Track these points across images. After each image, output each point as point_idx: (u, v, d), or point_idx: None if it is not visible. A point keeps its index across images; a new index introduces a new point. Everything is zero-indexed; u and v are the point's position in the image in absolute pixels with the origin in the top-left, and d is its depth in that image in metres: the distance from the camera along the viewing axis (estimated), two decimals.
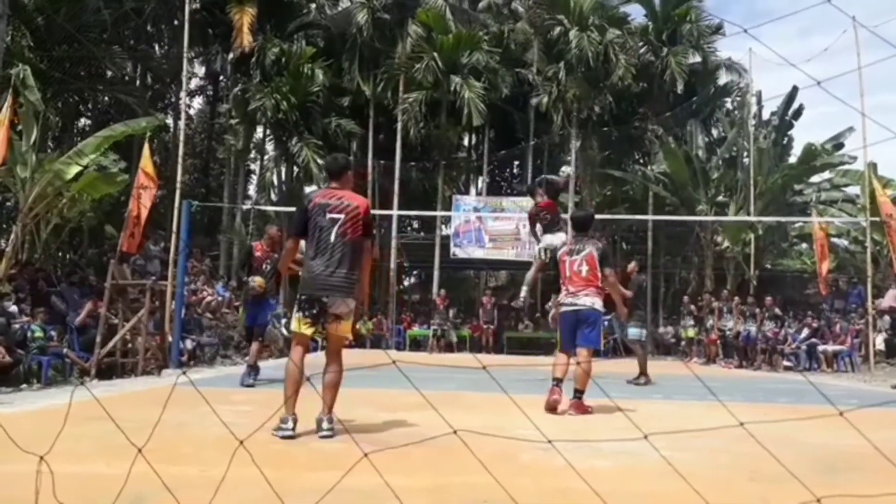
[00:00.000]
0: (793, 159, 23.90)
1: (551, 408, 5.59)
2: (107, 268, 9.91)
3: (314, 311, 4.29)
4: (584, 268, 5.83)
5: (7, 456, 2.65)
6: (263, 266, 7.89)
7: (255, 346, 7.91)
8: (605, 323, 8.14)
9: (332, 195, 4.38)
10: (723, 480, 3.38)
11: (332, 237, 4.24)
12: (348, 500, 2.63)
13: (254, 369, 7.76)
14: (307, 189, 26.01)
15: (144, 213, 10.62)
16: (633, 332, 9.49)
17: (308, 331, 4.31)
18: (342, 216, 4.26)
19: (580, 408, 5.61)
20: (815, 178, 24.42)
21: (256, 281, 7.74)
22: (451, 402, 5.91)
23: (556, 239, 8.68)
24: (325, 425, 4.17)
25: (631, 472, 3.52)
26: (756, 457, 3.50)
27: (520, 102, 24.70)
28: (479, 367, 1.98)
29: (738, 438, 4.01)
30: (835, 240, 22.18)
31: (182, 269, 10.92)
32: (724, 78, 26.00)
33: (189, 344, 11.39)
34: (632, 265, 10.47)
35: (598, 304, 5.81)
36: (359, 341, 20.52)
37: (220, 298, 15.12)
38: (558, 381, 5.75)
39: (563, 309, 5.90)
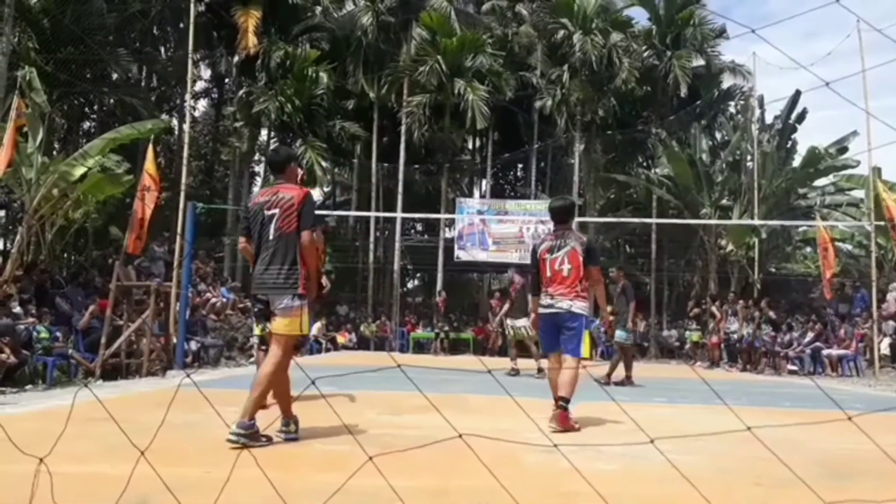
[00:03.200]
0: (796, 163, 23.87)
1: (563, 429, 4.83)
2: (112, 269, 9.94)
3: (256, 311, 4.28)
4: (566, 266, 5.15)
5: (10, 456, 2.66)
6: None
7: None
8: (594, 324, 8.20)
9: (272, 192, 4.24)
10: (727, 484, 3.36)
11: (270, 234, 4.12)
12: (352, 502, 2.63)
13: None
14: (312, 192, 26.15)
15: (148, 216, 10.64)
16: (620, 334, 9.61)
17: (258, 331, 4.28)
18: (278, 211, 4.12)
19: (563, 421, 4.83)
20: (818, 182, 24.40)
21: None
22: (456, 405, 5.91)
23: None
24: (232, 428, 3.83)
25: (635, 475, 3.51)
26: (760, 461, 3.49)
27: (524, 105, 24.73)
28: (483, 370, 1.98)
29: (742, 442, 4.00)
30: (839, 244, 22.13)
31: (187, 271, 10.94)
32: (727, 81, 26.05)
33: (193, 345, 11.41)
34: (615, 271, 10.51)
35: (577, 306, 5.08)
36: (362, 343, 20.60)
37: (224, 300, 15.15)
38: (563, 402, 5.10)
39: (541, 311, 5.26)
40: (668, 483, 3.11)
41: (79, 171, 12.00)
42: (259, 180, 28.17)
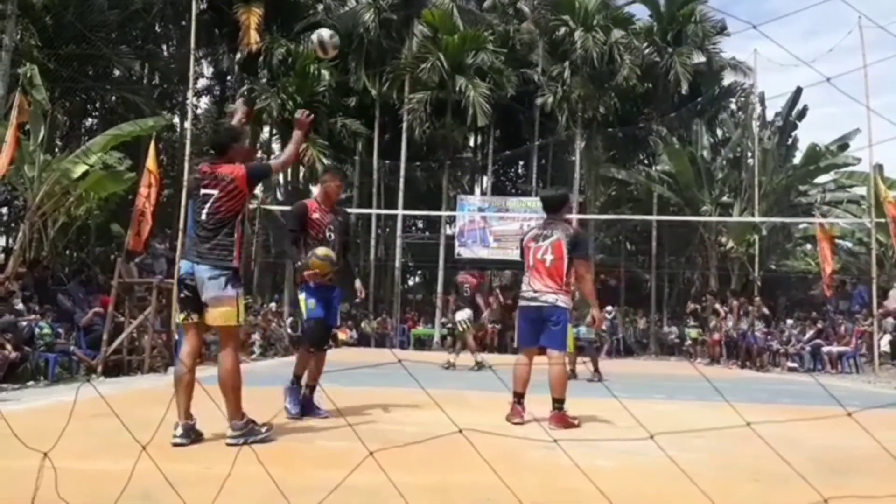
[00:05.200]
0: (797, 160, 23.85)
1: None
2: (114, 266, 9.96)
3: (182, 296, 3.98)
4: (549, 256, 4.93)
5: (13, 452, 2.68)
6: (327, 233, 5.11)
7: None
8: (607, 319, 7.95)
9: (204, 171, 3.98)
10: (726, 481, 3.38)
11: (203, 215, 3.89)
12: (352, 498, 2.64)
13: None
14: (313, 189, 26.09)
15: (150, 212, 10.65)
16: (585, 332, 9.30)
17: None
18: (216, 192, 3.89)
19: (562, 420, 4.75)
20: (819, 179, 24.38)
21: (315, 260, 4.85)
22: (456, 401, 5.93)
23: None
24: (228, 434, 3.82)
25: (635, 471, 3.53)
26: (759, 457, 3.51)
27: (525, 102, 24.71)
28: (486, 367, 1.99)
29: (741, 439, 4.02)
30: (839, 241, 22.12)
31: None
32: (728, 78, 26.01)
33: None
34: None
35: (561, 300, 4.87)
36: (363, 340, 20.61)
37: None
38: (520, 398, 4.94)
39: (523, 303, 5.04)
40: (667, 479, 3.13)
41: (81, 169, 12.02)
42: None
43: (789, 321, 17.84)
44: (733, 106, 27.62)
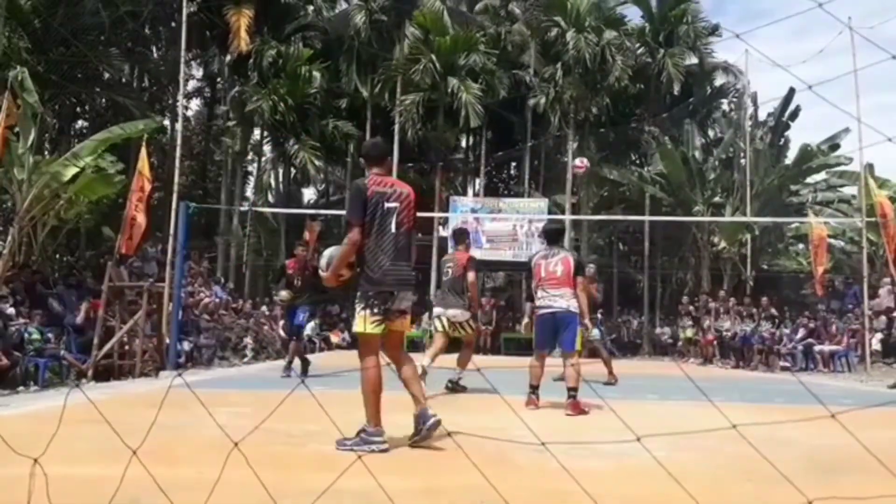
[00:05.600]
0: (789, 160, 23.96)
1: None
2: (104, 270, 9.91)
3: (386, 307, 3.91)
4: (560, 269, 5.91)
5: (3, 458, 2.66)
6: (294, 282, 9.21)
7: (292, 344, 9.26)
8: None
9: (387, 183, 4.01)
10: (717, 481, 3.39)
11: (393, 227, 3.90)
12: (343, 501, 2.64)
13: (292, 366, 9.02)
14: (305, 191, 26.15)
15: (142, 216, 10.62)
16: (596, 332, 9.30)
17: (378, 329, 3.89)
18: (398, 205, 3.92)
19: (576, 407, 5.66)
20: (811, 179, 24.50)
21: (281, 295, 9.46)
22: (446, 404, 5.92)
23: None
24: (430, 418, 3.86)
25: (625, 473, 3.53)
26: (751, 458, 3.51)
27: (517, 104, 24.73)
28: (473, 368, 1.99)
29: (732, 439, 4.01)
30: (831, 240, 22.22)
31: (179, 271, 10.91)
32: (720, 79, 26.13)
33: (186, 346, 11.39)
34: (591, 270, 10.10)
35: (573, 306, 5.84)
36: (355, 343, 20.51)
37: (217, 300, 15.12)
38: (535, 389, 5.93)
39: (541, 312, 5.94)
40: (658, 481, 3.12)
41: (70, 172, 11.94)
42: (252, 180, 28.12)
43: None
44: (725, 107, 27.75)
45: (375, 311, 3.86)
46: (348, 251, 3.93)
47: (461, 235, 8.29)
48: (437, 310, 7.56)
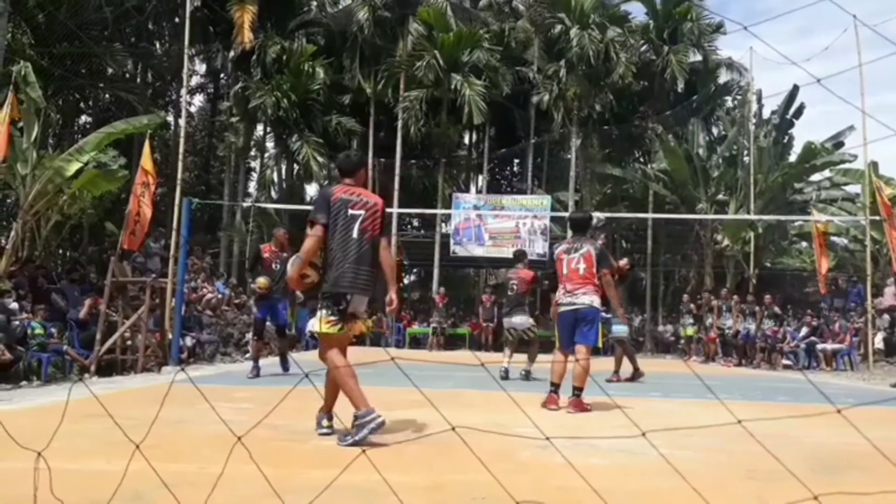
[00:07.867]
0: (793, 158, 23.90)
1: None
2: (107, 265, 9.92)
3: (340, 308, 4.06)
4: (582, 266, 5.79)
5: (6, 453, 2.66)
6: (273, 266, 8.32)
7: (256, 342, 8.88)
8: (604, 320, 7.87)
9: (353, 192, 4.19)
10: (720, 478, 3.38)
11: (354, 233, 4.06)
12: (346, 497, 2.63)
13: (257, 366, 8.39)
14: (308, 187, 26.13)
15: (146, 212, 10.62)
16: (619, 329, 9.18)
17: (333, 330, 4.04)
18: (363, 212, 4.11)
19: (579, 406, 5.63)
20: (815, 177, 24.42)
21: (259, 282, 8.33)
22: (450, 400, 5.93)
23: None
24: (324, 423, 4.22)
25: (629, 469, 3.52)
26: (753, 455, 3.51)
27: (520, 100, 24.70)
28: (477, 364, 1.98)
29: (735, 437, 4.01)
30: (834, 238, 22.18)
31: (182, 267, 10.92)
32: (724, 76, 26.01)
33: (189, 341, 11.40)
34: (624, 261, 9.85)
35: (596, 301, 5.76)
36: (359, 339, 20.53)
37: (220, 296, 15.13)
38: (556, 388, 5.84)
39: (562, 308, 5.84)
40: (661, 477, 3.12)
41: (74, 167, 11.96)
42: (255, 176, 28.12)
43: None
44: (729, 104, 27.66)
45: (330, 312, 4.05)
46: (313, 244, 4.05)
47: (521, 255, 9.55)
48: (506, 322, 9.07)
